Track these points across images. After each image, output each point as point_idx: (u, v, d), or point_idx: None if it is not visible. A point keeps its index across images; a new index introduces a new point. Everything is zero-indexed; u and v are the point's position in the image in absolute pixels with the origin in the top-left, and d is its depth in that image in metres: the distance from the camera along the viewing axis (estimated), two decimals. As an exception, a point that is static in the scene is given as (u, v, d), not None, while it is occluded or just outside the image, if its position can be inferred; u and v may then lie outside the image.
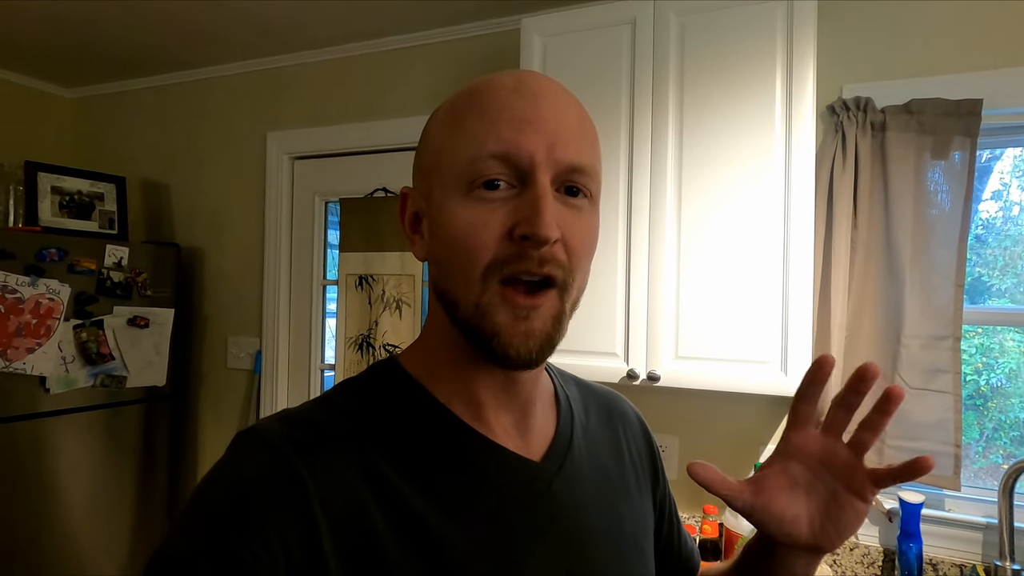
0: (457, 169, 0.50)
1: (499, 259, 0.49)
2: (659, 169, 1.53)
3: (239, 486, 0.47)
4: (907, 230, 1.52)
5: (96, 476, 2.22)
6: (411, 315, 2.19)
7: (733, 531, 1.51)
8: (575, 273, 0.51)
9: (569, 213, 0.51)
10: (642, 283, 1.54)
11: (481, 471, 0.53)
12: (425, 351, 0.58)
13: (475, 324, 0.50)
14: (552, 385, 0.66)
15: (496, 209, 0.49)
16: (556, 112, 0.51)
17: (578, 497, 0.58)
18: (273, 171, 2.47)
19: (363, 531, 0.46)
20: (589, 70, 1.60)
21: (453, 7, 2.00)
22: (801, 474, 0.55)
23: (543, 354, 0.51)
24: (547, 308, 0.50)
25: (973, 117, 1.48)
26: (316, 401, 0.55)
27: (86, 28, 2.25)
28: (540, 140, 0.49)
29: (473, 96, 0.52)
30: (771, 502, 0.54)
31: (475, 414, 0.55)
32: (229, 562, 0.43)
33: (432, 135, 0.55)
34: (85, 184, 2.36)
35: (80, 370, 2.12)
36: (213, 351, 2.61)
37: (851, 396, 0.52)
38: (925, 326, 1.52)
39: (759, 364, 1.43)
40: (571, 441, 0.61)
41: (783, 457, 0.56)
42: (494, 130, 0.49)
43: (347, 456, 0.49)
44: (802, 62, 1.42)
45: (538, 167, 0.49)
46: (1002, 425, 1.67)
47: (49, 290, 2.03)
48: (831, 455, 0.54)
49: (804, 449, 0.55)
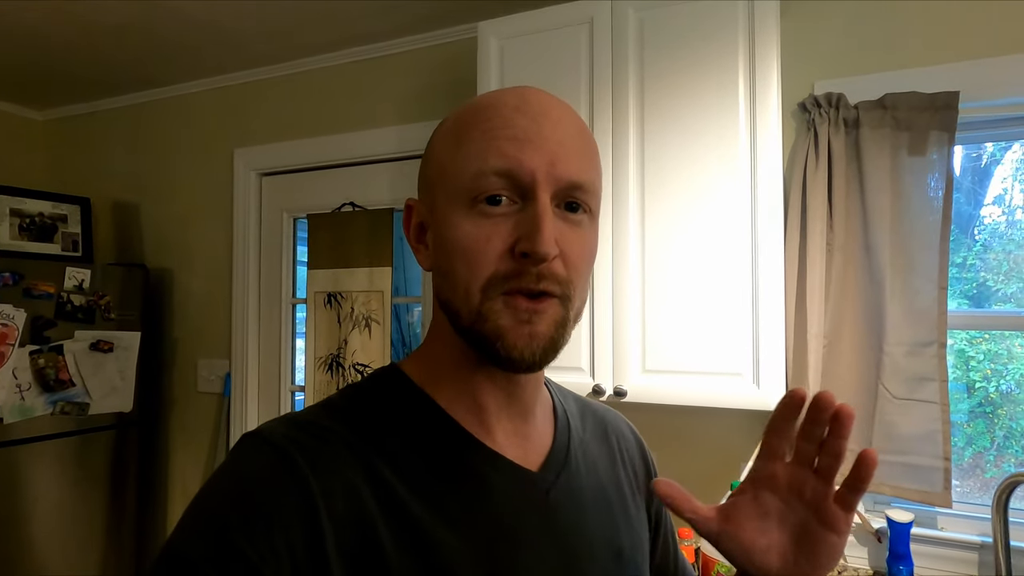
0: (461, 184, 0.51)
1: (499, 274, 0.50)
2: (620, 173, 1.46)
3: (244, 487, 0.47)
4: (885, 231, 1.44)
5: (63, 505, 2.15)
6: (380, 333, 2.11)
7: (709, 556, 1.41)
8: (574, 287, 0.53)
9: (569, 228, 0.52)
10: (606, 294, 1.46)
11: (480, 478, 0.54)
12: (428, 357, 0.59)
13: (478, 329, 0.51)
14: (550, 398, 0.66)
15: (498, 224, 0.50)
16: (557, 130, 0.52)
17: (574, 508, 0.58)
18: (240, 188, 2.41)
19: (364, 534, 0.47)
20: (547, 73, 1.54)
21: (416, 15, 1.95)
22: (773, 504, 0.53)
23: (546, 357, 0.52)
24: (550, 313, 0.51)
25: (950, 111, 1.40)
26: (319, 405, 0.56)
27: (55, 49, 2.22)
28: (541, 158, 0.50)
29: (478, 112, 0.53)
30: (740, 530, 0.52)
31: (476, 420, 0.56)
32: (234, 562, 0.43)
33: (437, 148, 0.56)
34: (47, 206, 2.30)
35: (37, 398, 2.05)
36: (183, 374, 2.54)
37: (812, 427, 0.50)
38: (908, 332, 1.43)
39: (730, 376, 1.35)
40: (568, 452, 0.61)
41: (754, 486, 0.54)
42: (497, 147, 0.50)
43: (350, 460, 0.50)
44: (765, 58, 1.35)
45: (539, 184, 0.50)
46: (1013, 433, 1.61)
47: (2, 315, 1.96)
48: (801, 485, 0.52)
49: (774, 479, 0.53)
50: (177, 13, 1.95)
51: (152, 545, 2.50)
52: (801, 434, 0.51)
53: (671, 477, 1.48)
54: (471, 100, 0.56)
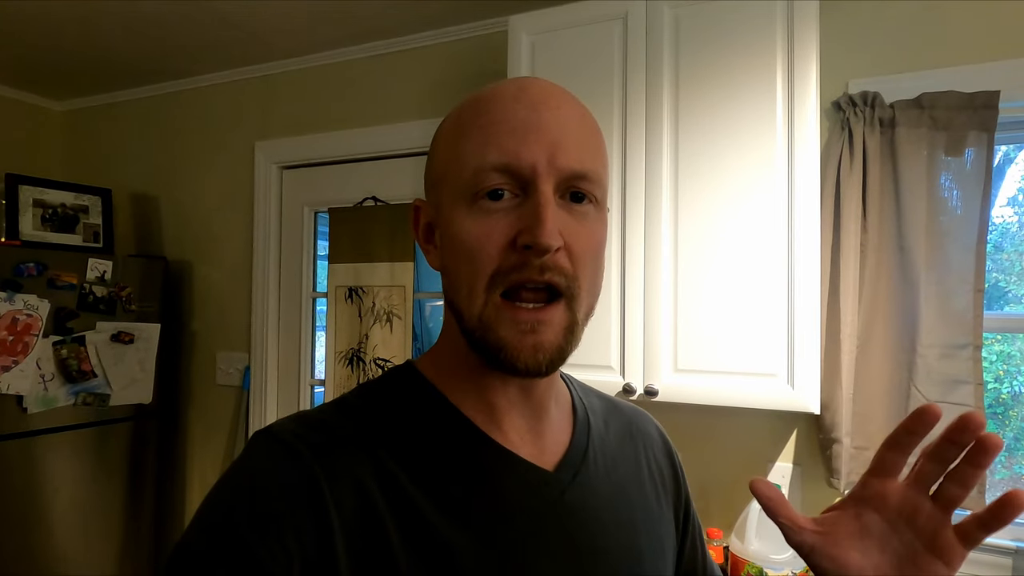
0: (462, 180, 0.51)
1: (503, 269, 0.49)
2: (654, 171, 1.45)
3: (255, 484, 0.47)
4: (920, 232, 1.43)
5: (82, 496, 2.15)
6: (402, 328, 2.11)
7: (739, 556, 1.41)
8: (580, 279, 0.51)
9: (573, 220, 0.51)
10: (638, 292, 1.45)
11: (493, 478, 0.53)
12: (441, 356, 0.58)
13: (480, 336, 0.50)
14: (570, 395, 0.65)
15: (500, 219, 0.49)
16: (558, 119, 0.50)
17: (592, 509, 0.57)
18: (261, 181, 2.41)
19: (374, 533, 0.47)
20: (579, 69, 1.53)
21: (441, 8, 1.94)
22: (876, 524, 0.49)
23: (553, 365, 0.50)
24: (557, 321, 0.50)
25: (990, 110, 1.39)
26: (332, 403, 0.55)
27: (75, 39, 2.21)
28: (541, 149, 0.49)
29: (477, 105, 0.52)
30: (835, 547, 0.49)
31: (489, 419, 0.55)
32: (245, 559, 0.43)
33: (439, 146, 0.56)
34: (69, 197, 2.30)
35: (60, 388, 2.05)
36: (202, 367, 2.54)
37: (947, 447, 0.45)
38: (943, 334, 1.42)
39: (764, 377, 1.34)
40: (586, 452, 0.60)
41: (858, 503, 0.50)
42: (496, 140, 0.49)
43: (360, 458, 0.49)
44: (804, 55, 1.33)
45: (540, 176, 0.49)
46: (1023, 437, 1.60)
47: (27, 306, 1.96)
48: (914, 510, 0.48)
49: (884, 499, 0.49)
50: (198, 6, 1.94)
51: (170, 536, 2.51)
52: (931, 454, 0.47)
53: (699, 477, 1.47)
54: (471, 94, 0.55)
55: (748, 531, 1.41)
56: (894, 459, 0.48)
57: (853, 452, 1.46)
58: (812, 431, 1.57)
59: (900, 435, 0.48)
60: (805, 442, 1.60)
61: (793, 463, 1.60)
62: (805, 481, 1.59)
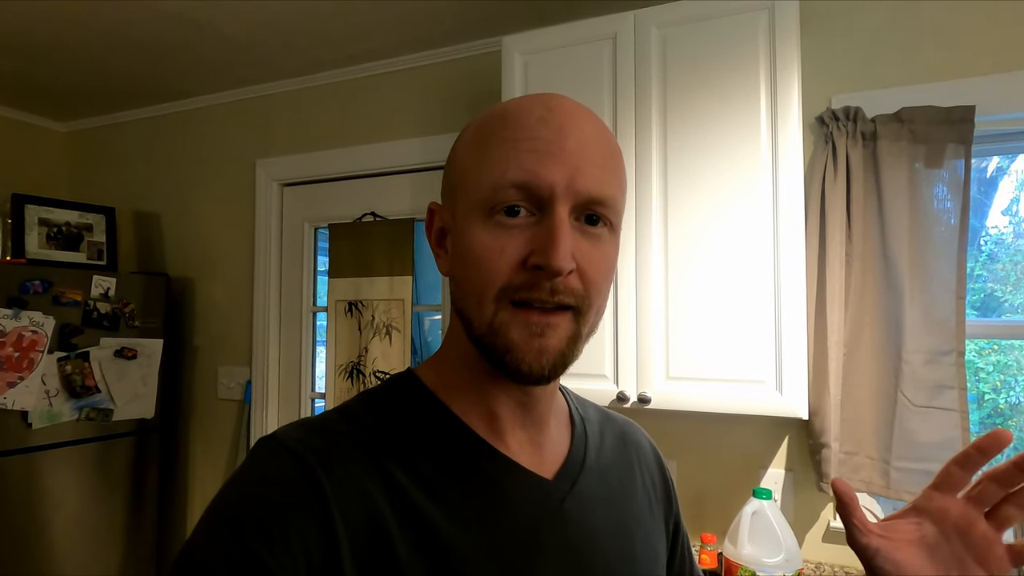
0: (480, 193, 0.51)
1: (512, 285, 0.49)
2: (644, 185, 1.50)
3: (261, 490, 0.47)
4: (903, 241, 1.47)
5: (84, 510, 2.17)
6: (401, 340, 2.14)
7: (732, 561, 1.43)
8: (591, 301, 0.52)
9: (587, 242, 0.51)
10: (630, 303, 1.49)
11: (495, 486, 0.54)
12: (443, 364, 0.59)
13: (488, 341, 0.51)
14: (567, 407, 0.67)
15: (515, 236, 0.50)
16: (580, 143, 0.51)
17: (589, 517, 0.58)
18: (262, 198, 2.45)
19: (378, 539, 0.47)
20: (571, 87, 1.58)
21: (438, 29, 2.00)
22: (932, 534, 0.53)
23: (556, 371, 0.51)
24: (563, 328, 0.51)
25: (966, 124, 1.43)
26: (335, 410, 0.56)
27: (78, 62, 2.26)
28: (561, 171, 0.49)
29: (503, 119, 0.53)
30: (896, 550, 0.53)
31: (491, 428, 0.56)
32: (251, 565, 0.43)
33: (459, 154, 0.56)
34: (74, 215, 2.35)
35: (64, 403, 2.08)
36: (203, 382, 2.57)
37: (1016, 475, 0.49)
38: (927, 340, 1.45)
39: (753, 384, 1.37)
40: (584, 462, 0.61)
41: (918, 512, 0.54)
42: (517, 158, 0.50)
43: (364, 465, 0.50)
44: (786, 71, 1.38)
45: (557, 198, 0.49)
46: (1021, 444, 1.61)
47: (32, 322, 2.00)
48: (970, 525, 0.52)
49: (944, 512, 0.53)
50: (199, 27, 2.00)
51: (171, 551, 2.52)
52: (997, 477, 0.51)
53: (694, 482, 1.52)
54: (496, 106, 0.56)
55: (741, 536, 1.44)
56: (960, 475, 0.52)
57: (842, 457, 1.49)
58: (803, 437, 1.61)
59: (972, 455, 0.51)
60: (797, 448, 1.63)
61: (785, 469, 1.64)
62: (797, 486, 1.62)
